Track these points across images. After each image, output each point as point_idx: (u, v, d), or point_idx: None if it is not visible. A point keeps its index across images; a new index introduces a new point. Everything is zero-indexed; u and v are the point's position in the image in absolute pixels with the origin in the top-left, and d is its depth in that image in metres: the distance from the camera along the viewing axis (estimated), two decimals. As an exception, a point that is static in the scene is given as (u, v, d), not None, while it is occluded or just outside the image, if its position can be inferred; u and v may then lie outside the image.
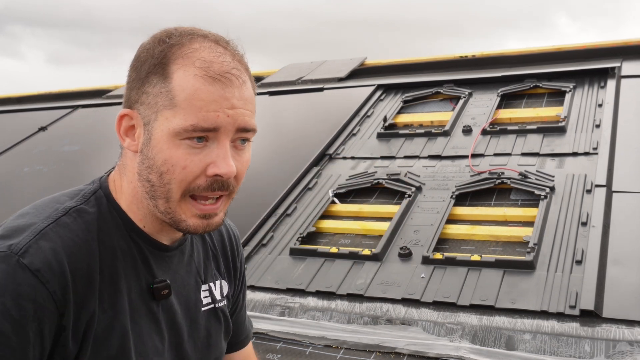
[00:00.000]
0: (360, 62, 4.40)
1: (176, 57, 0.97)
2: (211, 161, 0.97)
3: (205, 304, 1.15)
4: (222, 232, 1.25)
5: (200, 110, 0.95)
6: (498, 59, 3.86)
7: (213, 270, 1.20)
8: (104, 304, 0.97)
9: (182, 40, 0.98)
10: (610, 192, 2.37)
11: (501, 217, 2.41)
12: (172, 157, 0.96)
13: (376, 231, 2.51)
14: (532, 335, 1.82)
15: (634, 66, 3.35)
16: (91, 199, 1.03)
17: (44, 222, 0.95)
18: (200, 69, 0.96)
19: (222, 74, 0.96)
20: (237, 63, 1.00)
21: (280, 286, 2.29)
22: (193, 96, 0.95)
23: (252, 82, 1.04)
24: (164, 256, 1.07)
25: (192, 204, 0.99)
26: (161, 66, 0.97)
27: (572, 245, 2.14)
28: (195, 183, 0.97)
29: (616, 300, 1.87)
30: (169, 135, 0.96)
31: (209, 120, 0.95)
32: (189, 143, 0.96)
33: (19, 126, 4.67)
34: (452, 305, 2.01)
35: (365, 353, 1.92)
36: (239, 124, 0.98)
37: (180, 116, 0.95)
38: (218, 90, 0.96)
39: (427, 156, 2.99)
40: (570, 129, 2.91)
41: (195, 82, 0.95)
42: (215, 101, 0.95)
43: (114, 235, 1.01)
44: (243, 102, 0.99)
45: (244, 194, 3.19)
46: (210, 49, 0.98)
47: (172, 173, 0.96)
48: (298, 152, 3.25)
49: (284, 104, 4.08)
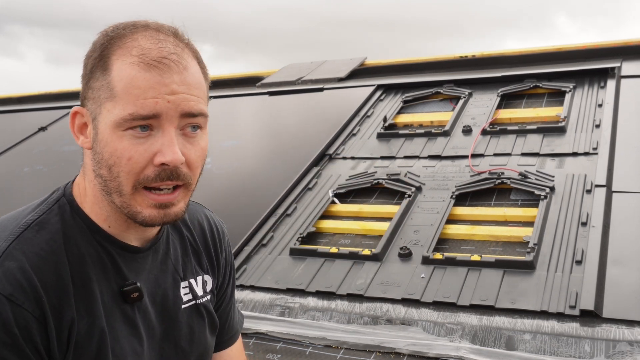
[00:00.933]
0: (360, 62, 4.40)
1: (115, 49, 0.96)
2: (157, 150, 0.95)
3: (186, 301, 1.14)
4: (204, 227, 1.23)
5: (137, 98, 0.93)
6: (498, 59, 3.86)
7: (193, 266, 1.18)
8: (80, 310, 0.97)
9: (124, 32, 0.97)
10: (610, 192, 2.37)
11: (501, 217, 2.41)
12: (117, 149, 0.95)
13: (376, 231, 2.51)
14: (532, 335, 1.82)
15: (634, 66, 3.34)
16: (54, 208, 1.02)
17: (5, 242, 0.95)
18: (136, 57, 0.94)
19: (159, 59, 0.94)
20: (179, 49, 0.98)
21: (280, 286, 2.29)
22: (130, 84, 0.93)
23: (201, 69, 1.02)
24: (135, 257, 1.06)
25: (146, 195, 0.97)
26: (102, 59, 0.96)
27: (572, 245, 2.14)
28: (144, 174, 0.95)
29: (616, 300, 1.87)
30: (111, 127, 0.95)
31: (147, 107, 0.93)
32: (133, 133, 0.94)
33: (19, 126, 4.67)
34: (452, 305, 2.01)
35: (365, 353, 1.92)
36: (182, 109, 0.96)
37: (120, 106, 0.94)
38: (155, 76, 0.94)
39: (427, 156, 2.99)
40: (570, 129, 2.91)
41: (131, 70, 0.94)
42: (152, 87, 0.93)
43: (80, 241, 1.00)
44: (185, 87, 0.96)
45: (244, 194, 3.20)
46: (150, 37, 0.97)
47: (119, 165, 0.95)
48: (298, 152, 3.25)
49: (284, 104, 4.08)
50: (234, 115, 4.11)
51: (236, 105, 4.23)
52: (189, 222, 1.21)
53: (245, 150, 3.49)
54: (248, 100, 4.27)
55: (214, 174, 3.24)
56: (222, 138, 3.66)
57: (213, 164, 3.34)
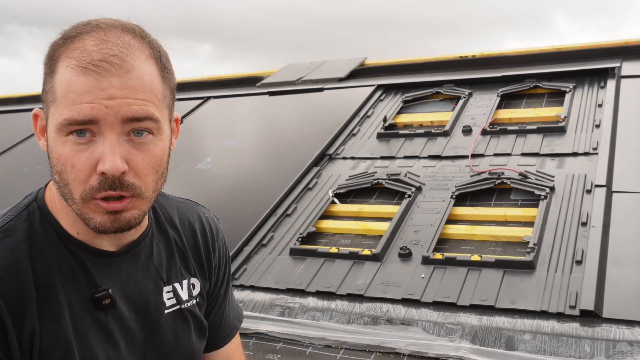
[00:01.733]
0: (360, 62, 4.40)
1: (63, 52, 0.93)
2: (98, 157, 0.91)
3: (169, 306, 1.11)
4: (195, 227, 1.19)
5: (73, 102, 0.90)
6: (498, 59, 3.86)
7: (179, 269, 1.14)
8: (45, 320, 0.95)
9: (74, 32, 0.93)
10: (610, 192, 2.37)
11: (501, 217, 2.41)
12: (61, 156, 0.92)
13: (376, 231, 2.51)
14: (532, 335, 1.82)
15: (634, 66, 3.34)
16: (22, 214, 0.99)
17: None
18: (74, 60, 0.90)
19: (96, 62, 0.89)
20: (125, 50, 0.92)
21: (280, 286, 2.29)
22: (67, 89, 0.90)
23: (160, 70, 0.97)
24: (109, 262, 1.03)
25: (96, 203, 0.93)
26: (51, 62, 0.94)
27: (572, 245, 2.14)
28: (89, 183, 0.92)
29: (616, 301, 1.87)
30: (55, 132, 0.92)
31: (82, 112, 0.89)
32: (74, 139, 0.91)
33: (19, 126, 4.67)
34: (452, 305, 2.01)
35: (365, 353, 1.92)
36: (123, 115, 0.90)
37: (59, 110, 0.91)
38: (91, 80, 0.89)
39: (427, 156, 2.99)
40: (570, 129, 2.91)
41: (69, 74, 0.90)
42: (88, 92, 0.89)
43: (48, 249, 0.98)
44: (127, 91, 0.90)
45: (244, 194, 3.20)
46: (97, 38, 0.92)
47: (66, 172, 0.92)
48: (298, 152, 3.25)
49: (284, 104, 4.08)
50: (234, 115, 4.11)
51: (236, 105, 4.23)
52: (177, 222, 1.17)
53: (245, 150, 3.49)
54: (248, 100, 4.26)
55: (214, 174, 3.24)
56: (222, 138, 3.66)
57: (213, 164, 3.34)
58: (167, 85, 0.99)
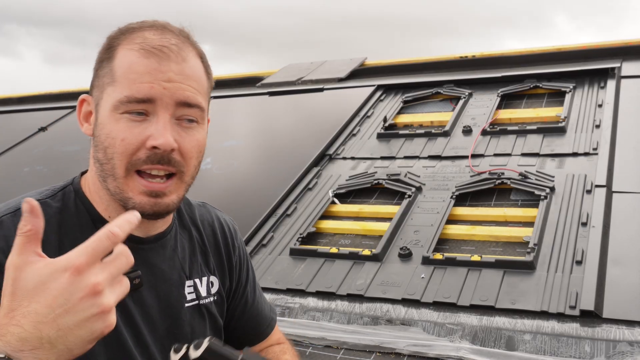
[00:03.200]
0: (360, 63, 4.40)
1: (122, 40, 1.01)
2: (150, 133, 0.98)
3: (189, 300, 1.14)
4: (215, 228, 1.24)
5: (134, 82, 0.97)
6: (498, 59, 3.86)
7: (200, 266, 1.18)
8: None
9: (132, 27, 1.02)
10: (610, 193, 2.37)
11: (501, 217, 2.41)
12: (113, 131, 0.98)
13: (376, 231, 2.51)
14: (532, 335, 1.82)
15: (634, 66, 3.35)
16: (58, 194, 1.05)
17: (3, 213, 0.99)
18: (137, 44, 0.99)
19: (159, 47, 0.98)
20: (181, 43, 1.01)
21: (280, 286, 2.29)
22: (129, 69, 0.98)
23: (204, 68, 1.06)
24: (137, 248, 1.04)
25: (138, 181, 0.99)
26: (109, 49, 1.02)
27: (572, 245, 2.14)
28: (137, 155, 0.98)
29: (616, 301, 1.87)
30: (110, 110, 0.98)
31: (142, 90, 0.97)
32: (129, 117, 0.98)
33: (19, 126, 4.67)
34: (452, 305, 2.01)
35: (365, 353, 1.92)
36: (178, 97, 0.99)
37: (118, 89, 0.98)
38: (153, 63, 0.98)
39: (427, 156, 2.99)
40: (570, 129, 2.91)
41: (131, 56, 0.98)
42: (149, 73, 0.97)
43: (77, 228, 1.02)
44: (183, 77, 1.00)
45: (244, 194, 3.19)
46: (155, 30, 1.01)
47: (113, 147, 0.98)
48: (298, 152, 3.25)
49: (284, 104, 4.08)
50: (234, 115, 4.11)
51: (236, 105, 4.23)
52: (198, 222, 1.21)
53: (245, 150, 3.49)
54: (248, 100, 4.26)
55: (214, 174, 3.24)
56: (222, 138, 3.66)
57: (213, 164, 3.34)
58: (209, 83, 1.08)
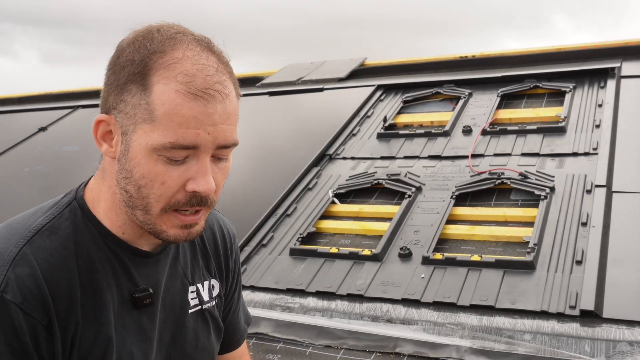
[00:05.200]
0: (360, 63, 4.40)
1: (157, 68, 0.92)
2: (190, 177, 0.94)
3: (193, 306, 1.14)
4: (215, 231, 1.23)
5: (180, 127, 0.91)
6: (498, 59, 3.86)
7: (202, 270, 1.18)
8: (88, 318, 0.96)
9: (164, 47, 0.93)
10: (610, 192, 2.37)
11: (501, 217, 2.41)
12: (151, 172, 0.94)
13: (376, 231, 2.51)
14: (532, 335, 1.82)
15: (634, 66, 3.35)
16: (65, 212, 1.00)
17: (16, 247, 0.93)
18: (181, 84, 0.91)
19: (205, 90, 0.92)
20: (221, 75, 0.95)
21: (280, 286, 2.29)
22: (173, 112, 0.91)
23: (236, 89, 1.00)
24: (146, 262, 1.05)
25: (173, 215, 0.97)
26: (141, 76, 0.93)
27: (572, 245, 2.14)
28: (175, 198, 0.95)
29: (616, 301, 1.87)
30: (147, 149, 0.93)
31: (188, 138, 0.92)
32: (165, 158, 0.93)
33: (19, 126, 4.67)
34: (452, 305, 2.01)
35: (365, 353, 1.92)
36: (219, 142, 0.95)
37: (160, 132, 0.92)
38: (199, 106, 0.92)
39: (427, 156, 2.99)
40: (570, 129, 2.91)
41: (176, 97, 0.91)
42: (195, 118, 0.91)
43: (91, 247, 0.99)
44: (225, 117, 0.95)
45: (244, 194, 3.18)
46: (194, 60, 0.93)
47: (150, 187, 0.94)
48: (298, 152, 3.25)
49: (284, 104, 4.08)
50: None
51: (236, 106, 4.22)
52: None
53: (245, 150, 3.49)
54: (248, 100, 4.26)
55: (214, 174, 3.23)
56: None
57: (213, 164, 3.33)
58: (238, 101, 1.02)
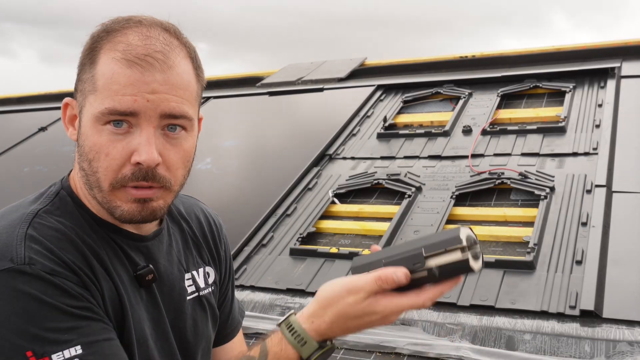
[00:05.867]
0: (360, 63, 4.40)
1: (105, 43, 0.95)
2: (134, 148, 0.93)
3: (190, 293, 1.14)
4: (202, 220, 1.23)
5: (116, 93, 0.92)
6: (498, 59, 3.86)
7: (195, 258, 1.18)
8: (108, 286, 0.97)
9: (117, 26, 0.96)
10: (610, 192, 2.37)
11: (501, 217, 2.41)
12: (96, 144, 0.94)
13: (376, 231, 2.51)
14: (532, 335, 1.82)
15: (634, 66, 3.35)
16: (55, 201, 1.01)
17: (21, 228, 0.94)
18: (120, 52, 0.93)
19: (142, 56, 0.93)
20: (167, 47, 0.95)
21: (280, 286, 2.29)
22: (111, 80, 0.93)
23: (194, 69, 1.00)
24: (140, 246, 1.05)
25: (125, 190, 0.96)
26: (92, 52, 0.96)
27: (572, 245, 2.14)
28: (122, 172, 0.94)
29: (616, 301, 1.87)
30: (92, 120, 0.94)
31: (124, 103, 0.92)
32: (111, 129, 0.93)
33: (19, 126, 4.67)
34: (452, 305, 2.01)
35: (365, 353, 1.92)
36: (162, 110, 0.94)
37: (100, 100, 0.93)
38: (136, 73, 0.92)
39: (427, 156, 2.99)
40: (570, 129, 2.91)
41: (114, 65, 0.93)
42: (132, 84, 0.92)
43: (87, 230, 0.99)
44: (168, 87, 0.94)
45: (244, 194, 3.19)
46: (140, 33, 0.95)
47: (97, 160, 0.94)
48: (298, 152, 3.25)
49: (284, 104, 4.08)
50: (234, 115, 4.11)
51: (236, 105, 4.23)
52: (186, 215, 1.20)
53: (245, 150, 3.49)
54: (248, 100, 4.27)
55: (214, 174, 3.24)
56: (222, 138, 3.66)
57: (213, 164, 3.34)
58: (200, 84, 1.02)
